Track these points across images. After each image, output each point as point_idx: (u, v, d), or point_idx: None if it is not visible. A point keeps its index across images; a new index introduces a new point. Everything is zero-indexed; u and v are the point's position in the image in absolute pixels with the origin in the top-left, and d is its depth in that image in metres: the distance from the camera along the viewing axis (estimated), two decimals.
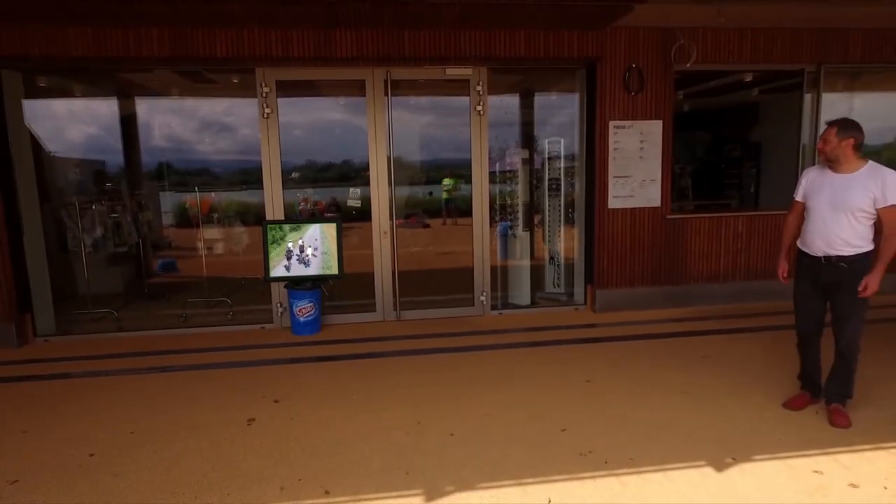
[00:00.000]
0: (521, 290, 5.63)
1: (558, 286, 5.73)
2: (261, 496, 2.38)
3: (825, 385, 3.03)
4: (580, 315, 5.30)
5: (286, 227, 4.83)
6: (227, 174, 5.51)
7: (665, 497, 2.30)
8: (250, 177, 5.08)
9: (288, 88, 4.93)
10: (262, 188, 4.87)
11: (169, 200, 5.56)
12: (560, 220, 5.65)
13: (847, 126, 2.78)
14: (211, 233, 5.38)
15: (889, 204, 2.68)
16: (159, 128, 5.31)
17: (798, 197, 2.98)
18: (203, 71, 5.11)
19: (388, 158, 4.96)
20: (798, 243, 3.02)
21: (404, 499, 2.33)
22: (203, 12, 4.06)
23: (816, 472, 2.46)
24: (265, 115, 4.78)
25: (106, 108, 5.06)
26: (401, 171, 5.18)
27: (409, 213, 6.17)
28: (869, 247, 2.79)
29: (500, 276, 5.61)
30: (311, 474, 2.54)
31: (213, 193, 5.31)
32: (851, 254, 2.79)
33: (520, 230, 5.69)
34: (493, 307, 5.39)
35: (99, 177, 5.56)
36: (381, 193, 5.02)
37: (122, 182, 5.66)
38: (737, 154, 7.56)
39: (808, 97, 5.42)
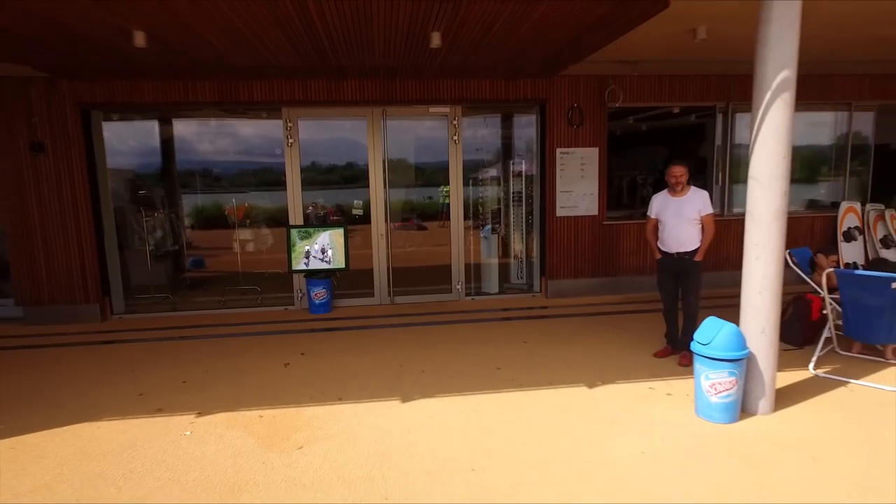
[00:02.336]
0: (491, 281, 7.03)
1: (521, 278, 7.13)
2: (299, 401, 3.79)
3: (679, 339, 4.42)
4: (535, 300, 6.71)
5: (303, 230, 6.25)
6: (256, 185, 6.88)
7: (549, 399, 3.70)
8: (276, 189, 6.49)
9: (307, 119, 6.35)
10: (286, 201, 6.29)
11: (210, 206, 6.94)
12: (522, 225, 7.05)
13: (686, 164, 4.18)
14: (244, 234, 6.79)
15: (707, 213, 4.10)
16: (202, 147, 6.69)
17: (652, 215, 4.36)
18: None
19: (385, 179, 6.38)
20: (665, 242, 4.40)
21: (388, 402, 3.74)
22: (245, 70, 5.48)
23: (650, 388, 3.86)
24: (289, 144, 6.21)
25: (160, 132, 6.45)
26: (395, 184, 6.59)
27: (406, 217, 7.52)
28: (698, 243, 4.19)
29: (475, 270, 7.02)
30: (330, 391, 3.96)
31: (246, 203, 6.72)
32: (691, 249, 4.20)
33: (490, 233, 7.09)
34: (468, 294, 6.80)
35: (154, 189, 6.93)
36: (378, 205, 6.44)
37: (173, 192, 7.03)
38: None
39: (719, 124, 6.82)
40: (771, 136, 3.18)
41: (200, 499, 2.65)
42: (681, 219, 4.17)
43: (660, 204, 4.30)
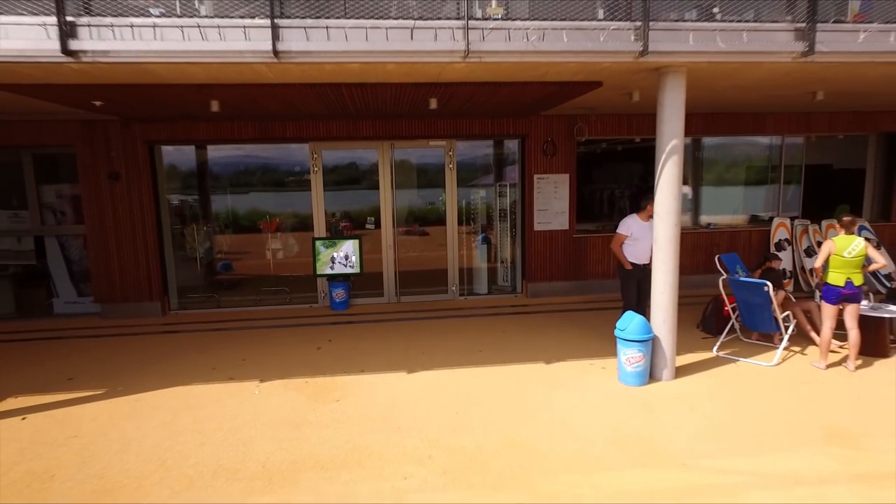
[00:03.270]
0: (481, 283, 8.40)
1: (506, 281, 8.49)
2: (332, 373, 5.15)
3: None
4: (517, 300, 8.07)
5: (327, 241, 7.62)
6: (286, 203, 8.24)
7: (515, 371, 5.06)
8: (303, 205, 7.86)
9: (329, 149, 7.72)
10: (312, 216, 7.67)
11: (246, 219, 8.30)
12: (508, 237, 8.40)
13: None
14: (275, 243, 8.15)
15: None
16: (241, 170, 8.06)
17: (626, 234, 5.59)
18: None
19: (393, 200, 7.76)
20: (631, 255, 5.66)
21: (397, 373, 5.11)
22: (282, 116, 6.86)
23: (591, 364, 5.21)
24: (314, 171, 7.60)
25: (209, 159, 7.82)
26: (401, 200, 7.95)
27: (411, 225, 8.80)
28: None
29: (469, 273, 8.36)
30: (354, 366, 5.33)
31: (277, 218, 8.09)
32: (651, 262, 5.52)
33: (482, 242, 8.45)
34: (461, 294, 8.17)
35: (200, 208, 8.28)
36: (387, 220, 7.82)
37: (215, 209, 8.37)
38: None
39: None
40: (666, 184, 4.54)
41: (276, 430, 4.02)
42: (649, 239, 5.40)
43: (637, 227, 5.53)
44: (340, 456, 3.62)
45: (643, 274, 5.44)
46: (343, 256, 7.55)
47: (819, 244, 8.08)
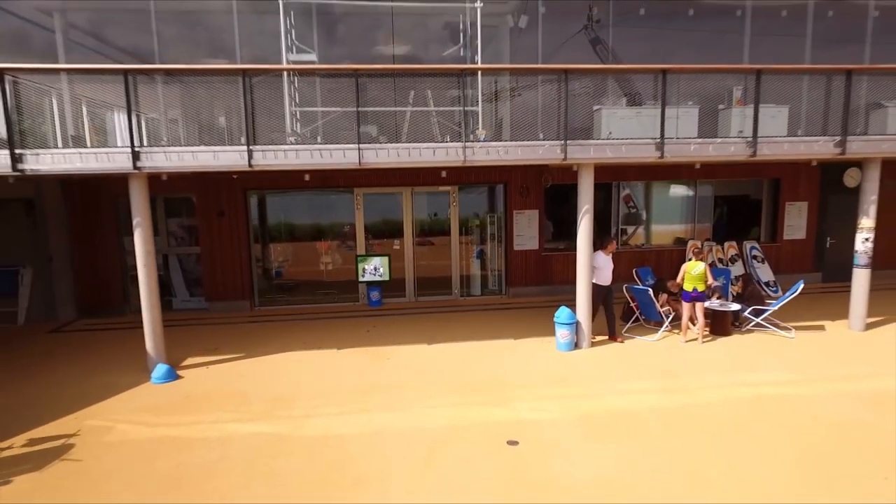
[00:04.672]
0: (476, 287, 11.49)
1: (495, 285, 11.58)
2: (381, 344, 8.25)
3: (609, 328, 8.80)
4: (502, 299, 11.17)
5: (366, 257, 10.72)
6: (336, 230, 11.32)
7: (492, 344, 8.15)
8: (346, 229, 10.96)
9: (368, 194, 10.82)
10: (355, 240, 10.79)
11: (309, 239, 11.39)
12: (496, 254, 11.48)
13: (615, 238, 8.55)
14: (327, 258, 11.23)
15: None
16: (307, 208, 11.17)
17: (594, 265, 8.62)
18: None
19: (412, 226, 10.87)
20: (597, 280, 8.62)
21: (421, 345, 8.21)
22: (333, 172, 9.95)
23: (542, 340, 8.30)
24: (357, 208, 10.71)
25: (283, 198, 10.92)
26: (418, 223, 11.05)
27: (421, 237, 11.77)
28: None
29: (468, 279, 11.45)
30: (393, 341, 8.43)
31: (328, 241, 11.18)
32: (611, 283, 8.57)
33: (476, 257, 11.54)
34: (461, 295, 11.27)
35: (277, 233, 11.36)
36: (408, 241, 10.92)
37: (284, 235, 11.44)
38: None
39: (613, 192, 11.26)
40: (583, 231, 7.62)
41: (356, 374, 7.12)
42: (611, 268, 8.36)
43: (602, 260, 8.33)
44: (394, 385, 6.72)
45: (607, 291, 8.20)
46: (373, 268, 10.64)
47: (720, 260, 11.18)
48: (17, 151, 6.30)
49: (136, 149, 6.49)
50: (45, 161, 6.42)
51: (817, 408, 5.76)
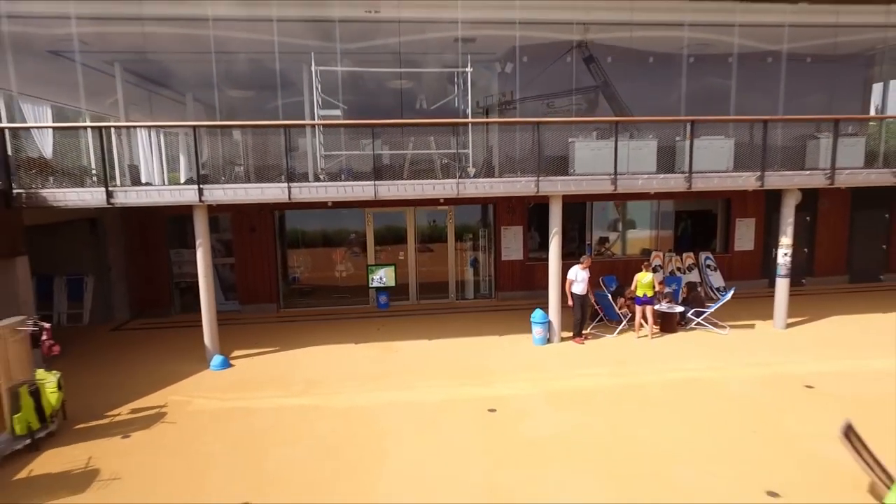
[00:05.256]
0: (470, 291, 13.33)
1: (486, 290, 13.42)
2: (389, 339, 10.09)
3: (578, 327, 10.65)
4: (492, 302, 13.01)
5: (375, 268, 12.55)
6: (347, 239, 13.15)
7: (480, 339, 9.99)
8: (360, 244, 12.77)
9: (376, 212, 12.65)
10: (367, 250, 12.63)
11: (326, 249, 13.22)
12: (487, 262, 13.32)
13: (590, 255, 10.37)
14: (341, 267, 13.05)
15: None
16: (322, 221, 12.99)
17: (572, 278, 10.31)
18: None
19: (415, 240, 12.71)
20: (574, 290, 10.42)
21: (422, 340, 10.05)
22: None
23: (523, 336, 10.15)
24: (368, 224, 12.54)
25: (304, 215, 12.79)
26: (420, 236, 12.89)
27: (422, 245, 13.62)
28: None
29: (462, 284, 13.29)
30: (400, 337, 10.27)
31: (344, 250, 13.02)
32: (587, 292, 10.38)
33: (470, 265, 13.38)
34: (457, 298, 13.11)
35: (297, 245, 13.19)
36: (411, 252, 12.76)
37: (303, 246, 13.27)
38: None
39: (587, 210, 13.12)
40: (554, 247, 9.46)
41: (370, 362, 8.96)
42: (586, 280, 10.16)
43: (579, 273, 10.21)
44: (401, 371, 8.56)
45: (584, 300, 9.90)
46: (380, 277, 12.48)
47: (679, 269, 13.03)
48: (111, 189, 8.13)
49: (201, 186, 8.32)
50: (131, 196, 8.25)
51: (725, 387, 7.61)
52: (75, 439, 6.44)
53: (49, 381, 6.47)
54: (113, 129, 8.05)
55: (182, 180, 10.88)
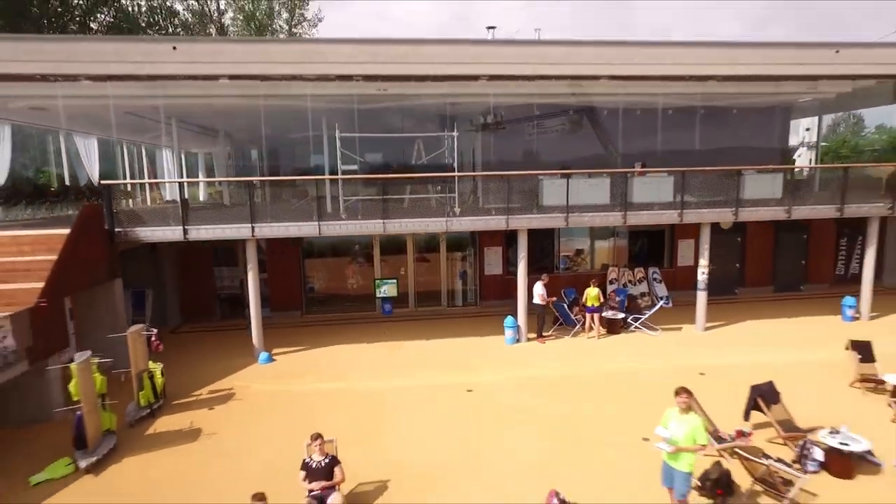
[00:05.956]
0: (459, 300, 16.12)
1: (472, 299, 16.20)
2: (394, 339, 12.86)
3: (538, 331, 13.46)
4: (478, 309, 15.79)
5: (380, 283, 15.33)
6: (356, 257, 15.92)
7: (468, 340, 12.77)
8: (368, 261, 15.54)
9: (383, 236, 15.42)
10: (374, 267, 15.42)
11: (341, 265, 16.00)
12: (474, 276, 16.08)
13: (551, 274, 13.22)
14: (352, 280, 15.79)
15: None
16: (342, 243, 15.83)
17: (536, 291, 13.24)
18: None
19: (413, 258, 15.50)
20: (535, 300, 13.26)
21: (421, 340, 12.82)
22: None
23: (498, 336, 12.94)
24: (374, 244, 15.32)
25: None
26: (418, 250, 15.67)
27: (420, 255, 16.39)
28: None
29: (452, 293, 16.06)
30: (403, 337, 13.03)
31: (355, 266, 15.76)
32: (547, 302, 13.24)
33: (460, 277, 16.15)
34: (448, 305, 15.89)
35: (316, 261, 15.98)
36: (410, 269, 15.54)
37: (321, 261, 16.01)
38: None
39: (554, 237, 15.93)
40: (521, 264, 12.25)
41: (380, 359, 11.72)
42: (543, 293, 13.04)
43: (539, 288, 13.03)
44: (408, 364, 11.33)
45: (543, 308, 12.74)
46: (385, 289, 15.25)
47: (630, 281, 15.84)
48: (187, 227, 10.87)
49: (254, 225, 11.06)
50: (202, 233, 10.99)
51: (641, 375, 10.42)
52: (177, 410, 9.20)
53: (157, 369, 9.22)
54: (186, 184, 10.77)
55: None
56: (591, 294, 12.49)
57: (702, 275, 12.88)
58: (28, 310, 8.23)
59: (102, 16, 55.25)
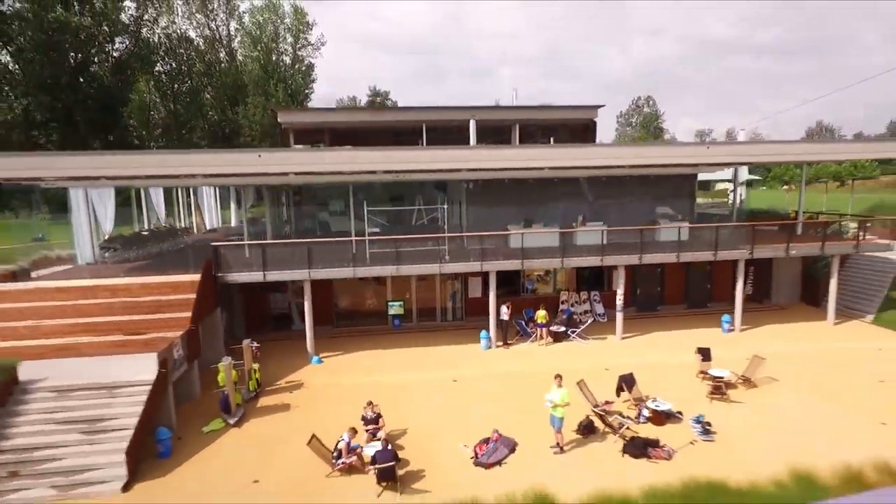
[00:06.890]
0: (450, 315, 21.50)
1: (460, 316, 21.57)
2: (405, 346, 18.22)
3: (503, 339, 18.87)
4: (465, 323, 21.18)
5: (392, 304, 20.68)
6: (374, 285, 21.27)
7: (454, 347, 18.16)
8: (382, 287, 20.86)
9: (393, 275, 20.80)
10: (385, 294, 20.80)
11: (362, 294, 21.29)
12: (461, 298, 21.45)
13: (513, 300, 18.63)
14: (370, 302, 21.04)
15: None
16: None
17: (501, 310, 18.68)
18: None
19: (415, 288, 20.90)
20: (502, 317, 18.63)
21: (424, 347, 18.20)
22: None
23: (477, 343, 18.33)
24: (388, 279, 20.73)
25: None
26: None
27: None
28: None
29: (445, 311, 21.42)
30: (412, 344, 18.40)
31: (370, 291, 21.02)
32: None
33: (450, 297, 21.51)
34: (442, 320, 21.28)
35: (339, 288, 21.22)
36: (413, 294, 20.92)
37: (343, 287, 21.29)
38: None
39: None
40: (491, 295, 17.67)
41: (397, 362, 17.09)
42: (508, 313, 18.43)
43: (503, 309, 18.40)
44: (413, 364, 16.69)
45: (507, 324, 18.17)
46: (394, 308, 20.58)
47: (576, 302, 21.30)
48: (266, 272, 16.19)
49: (310, 269, 16.39)
50: (275, 275, 16.30)
51: (569, 371, 15.86)
52: (269, 395, 14.54)
53: (257, 367, 14.55)
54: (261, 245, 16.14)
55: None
56: (540, 314, 17.95)
57: (619, 300, 18.36)
58: (186, 331, 13.55)
59: (121, 43, 60.20)
